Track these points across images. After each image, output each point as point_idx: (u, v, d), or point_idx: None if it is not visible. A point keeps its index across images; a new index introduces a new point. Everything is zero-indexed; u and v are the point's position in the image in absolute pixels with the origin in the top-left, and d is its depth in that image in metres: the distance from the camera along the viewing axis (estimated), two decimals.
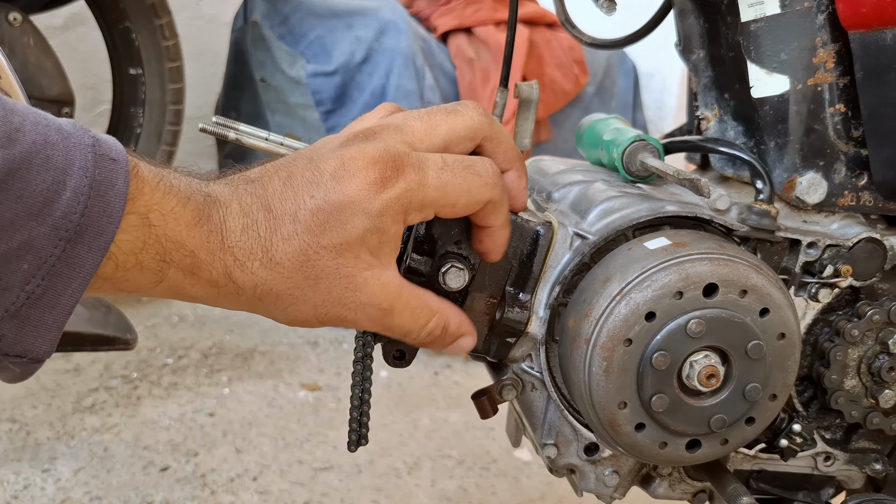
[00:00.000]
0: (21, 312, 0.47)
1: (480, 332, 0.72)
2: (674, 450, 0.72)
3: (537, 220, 0.71)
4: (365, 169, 0.56)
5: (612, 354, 0.69)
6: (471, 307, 0.71)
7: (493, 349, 0.74)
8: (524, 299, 0.72)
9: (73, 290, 0.48)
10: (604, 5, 0.90)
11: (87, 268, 0.48)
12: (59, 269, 0.47)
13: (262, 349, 2.42)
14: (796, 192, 0.79)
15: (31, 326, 0.48)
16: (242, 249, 0.55)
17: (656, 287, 0.68)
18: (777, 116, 0.80)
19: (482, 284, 0.71)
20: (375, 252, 0.58)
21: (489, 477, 1.81)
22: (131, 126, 2.54)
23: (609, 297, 0.69)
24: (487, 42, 2.79)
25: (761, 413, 0.72)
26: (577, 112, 3.04)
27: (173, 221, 0.52)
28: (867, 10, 0.73)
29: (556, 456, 0.78)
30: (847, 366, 0.81)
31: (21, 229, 0.45)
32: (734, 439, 0.73)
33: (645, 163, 0.79)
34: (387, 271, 0.59)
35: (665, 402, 0.69)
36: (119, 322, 1.32)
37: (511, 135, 1.03)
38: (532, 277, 0.72)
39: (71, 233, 0.47)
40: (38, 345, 0.48)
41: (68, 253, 0.47)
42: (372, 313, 0.60)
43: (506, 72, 0.96)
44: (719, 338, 0.69)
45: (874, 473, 0.86)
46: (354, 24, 2.65)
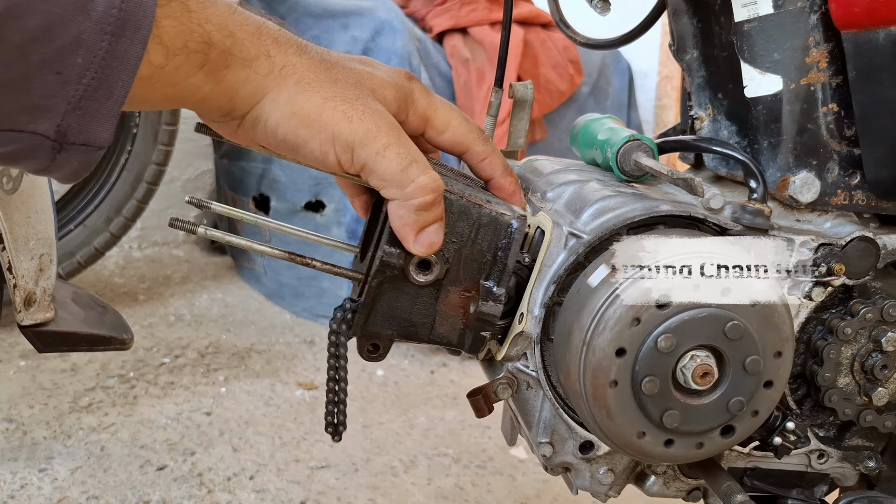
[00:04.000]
0: (81, 104, 0.52)
1: (455, 325, 0.72)
2: (710, 444, 0.74)
3: (511, 214, 0.71)
4: None
5: (605, 401, 0.70)
6: (445, 301, 0.71)
7: (467, 342, 0.74)
8: (498, 293, 0.72)
9: (124, 81, 0.53)
10: (598, 5, 0.91)
11: (132, 59, 0.53)
12: (108, 62, 0.52)
13: (259, 348, 2.42)
14: (790, 191, 0.80)
15: (91, 116, 0.53)
16: (279, 39, 0.63)
17: (612, 325, 0.69)
18: (770, 116, 0.80)
19: (457, 278, 0.71)
20: (385, 102, 0.67)
21: (485, 475, 1.81)
22: (128, 126, 2.53)
23: (577, 350, 0.70)
24: (483, 42, 2.79)
25: (773, 371, 0.73)
26: (572, 112, 3.04)
27: (212, 7, 0.59)
28: (860, 10, 0.74)
29: (551, 454, 0.79)
30: (840, 364, 0.81)
31: (71, 24, 0.50)
32: (763, 405, 0.73)
33: (639, 162, 0.80)
34: (383, 112, 0.66)
35: (677, 416, 0.70)
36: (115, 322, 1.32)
37: (506, 135, 1.03)
38: (507, 271, 0.72)
39: (113, 27, 0.51)
40: (99, 132, 0.54)
41: (114, 46, 0.52)
42: (370, 124, 0.64)
43: (500, 72, 0.96)
44: (695, 337, 0.69)
45: (867, 471, 0.86)
46: (350, 24, 2.65)
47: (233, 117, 0.64)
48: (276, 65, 0.62)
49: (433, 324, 0.72)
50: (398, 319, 0.72)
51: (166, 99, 0.59)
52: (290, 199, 2.73)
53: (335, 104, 0.63)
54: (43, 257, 1.14)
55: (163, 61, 0.56)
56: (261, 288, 2.90)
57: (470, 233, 0.70)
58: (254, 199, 2.90)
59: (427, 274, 0.69)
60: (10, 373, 2.13)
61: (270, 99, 0.62)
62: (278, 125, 0.63)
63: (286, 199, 2.74)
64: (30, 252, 1.12)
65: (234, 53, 0.60)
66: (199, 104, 0.61)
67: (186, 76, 0.58)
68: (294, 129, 0.63)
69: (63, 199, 2.57)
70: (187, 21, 0.56)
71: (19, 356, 2.22)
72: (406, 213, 0.66)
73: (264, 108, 0.62)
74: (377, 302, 0.71)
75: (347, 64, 0.67)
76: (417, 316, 0.72)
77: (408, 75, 0.72)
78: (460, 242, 0.70)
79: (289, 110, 0.62)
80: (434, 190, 0.66)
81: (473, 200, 0.70)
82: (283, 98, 0.62)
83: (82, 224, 2.54)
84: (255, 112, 0.63)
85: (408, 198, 0.65)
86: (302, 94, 0.62)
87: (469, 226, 0.70)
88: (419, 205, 0.65)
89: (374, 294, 0.70)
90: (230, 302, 2.81)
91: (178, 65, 0.57)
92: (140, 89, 0.56)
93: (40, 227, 1.14)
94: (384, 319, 0.71)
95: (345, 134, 0.63)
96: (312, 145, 0.63)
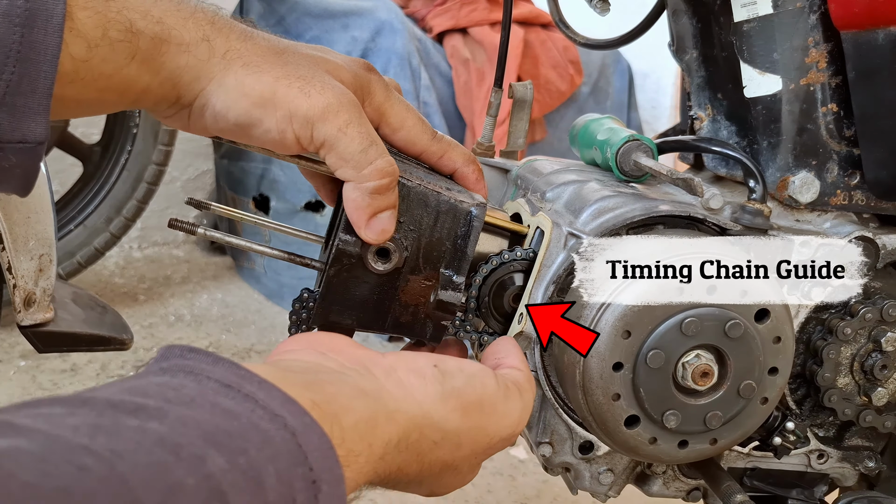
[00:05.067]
0: (7, 101, 0.52)
1: (416, 315, 0.71)
2: (726, 440, 0.74)
3: (471, 201, 0.70)
4: None
5: (612, 416, 0.71)
6: (405, 290, 0.70)
7: (429, 332, 0.72)
8: (458, 281, 0.70)
9: (46, 73, 0.53)
10: (597, 6, 0.91)
11: (50, 50, 0.52)
12: (25, 55, 0.52)
13: (259, 348, 2.42)
14: (789, 191, 0.80)
15: (21, 112, 0.53)
16: (217, 23, 0.61)
17: (606, 337, 0.69)
18: (770, 116, 0.80)
19: (416, 266, 0.70)
20: (343, 84, 0.65)
21: (485, 475, 1.81)
22: (127, 126, 2.53)
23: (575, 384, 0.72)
24: (483, 42, 2.79)
25: (779, 358, 0.73)
26: (572, 112, 3.04)
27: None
28: (859, 10, 0.74)
29: (551, 454, 0.79)
30: (840, 364, 0.81)
31: None
32: (772, 393, 0.74)
33: (639, 162, 0.80)
34: (343, 89, 0.64)
35: (678, 416, 0.71)
36: (115, 322, 1.32)
37: (506, 135, 1.04)
38: (466, 259, 0.70)
39: (23, 18, 0.51)
40: (32, 128, 0.53)
41: (27, 38, 0.51)
42: (330, 98, 0.62)
43: (500, 72, 0.96)
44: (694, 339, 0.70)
45: (867, 471, 0.86)
46: (350, 24, 2.65)
47: (181, 106, 0.62)
48: (216, 49, 0.60)
49: (394, 313, 0.71)
50: (358, 309, 0.70)
51: (104, 95, 0.58)
52: (290, 199, 2.72)
53: (289, 81, 0.61)
54: (43, 257, 1.14)
55: (85, 54, 0.54)
56: (261, 288, 2.90)
57: (429, 220, 0.69)
58: (254, 199, 2.90)
59: (386, 262, 0.68)
60: (10, 373, 2.13)
61: (217, 83, 0.60)
62: (229, 109, 0.61)
63: (286, 199, 2.74)
64: (30, 252, 1.12)
65: (167, 40, 0.58)
66: (141, 97, 0.59)
67: (118, 68, 0.56)
68: (246, 110, 0.61)
69: (63, 199, 2.57)
70: (104, 10, 0.55)
71: (19, 356, 2.22)
72: (360, 195, 0.64)
73: (212, 93, 0.61)
74: (336, 291, 0.69)
75: (299, 49, 0.66)
76: (377, 305, 0.70)
77: (367, 65, 0.70)
78: (419, 230, 0.69)
79: (238, 93, 0.60)
80: (390, 174, 0.64)
81: (432, 188, 0.69)
82: (230, 82, 0.60)
83: (82, 224, 2.54)
84: (202, 98, 0.61)
85: (363, 180, 0.63)
86: (251, 75, 0.61)
87: (428, 213, 0.69)
88: (374, 188, 0.63)
89: (331, 283, 0.69)
90: (230, 302, 2.81)
91: (105, 56, 0.55)
92: (71, 86, 0.55)
93: (40, 227, 1.14)
94: (343, 309, 0.70)
95: (303, 109, 0.61)
96: (268, 124, 0.61)
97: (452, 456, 0.58)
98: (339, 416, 0.48)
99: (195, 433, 0.39)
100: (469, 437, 0.58)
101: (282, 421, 0.43)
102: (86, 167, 2.59)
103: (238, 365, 0.45)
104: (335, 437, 0.46)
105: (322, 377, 0.52)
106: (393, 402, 0.54)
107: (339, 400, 0.49)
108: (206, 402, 0.42)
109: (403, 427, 0.53)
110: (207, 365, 0.45)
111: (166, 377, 0.44)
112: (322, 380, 0.51)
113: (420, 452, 0.55)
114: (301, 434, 0.43)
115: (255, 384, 0.44)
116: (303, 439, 0.43)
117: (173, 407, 0.40)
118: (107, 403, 0.38)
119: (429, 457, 0.56)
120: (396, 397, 0.54)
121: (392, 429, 0.52)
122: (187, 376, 0.44)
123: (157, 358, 0.46)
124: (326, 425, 0.45)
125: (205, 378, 0.44)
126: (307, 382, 0.49)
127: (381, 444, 0.51)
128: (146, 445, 0.36)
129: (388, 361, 0.57)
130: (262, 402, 0.43)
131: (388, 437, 0.52)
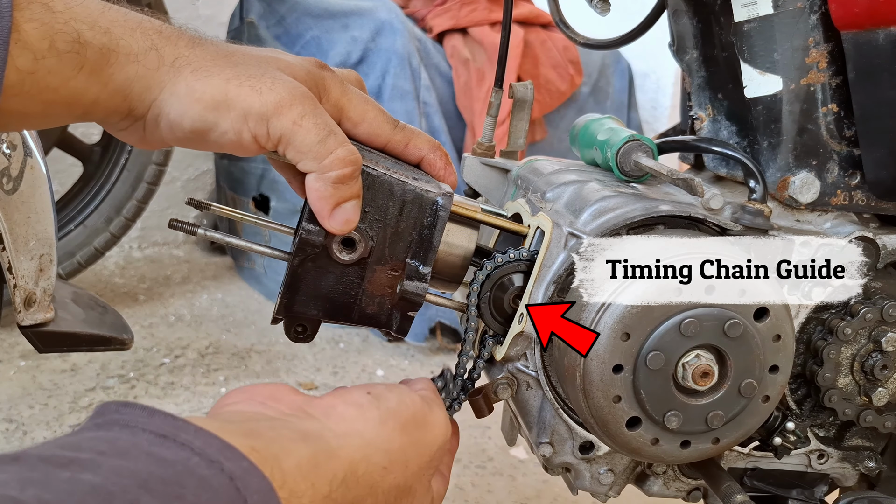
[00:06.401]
0: None
1: (383, 305, 0.71)
2: (729, 439, 0.74)
3: (437, 191, 0.69)
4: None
5: (614, 418, 0.71)
6: (371, 280, 0.70)
7: (395, 323, 0.72)
8: (424, 272, 0.70)
9: None
10: (598, 6, 0.91)
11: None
12: None
13: (259, 348, 2.42)
14: (789, 191, 0.80)
15: None
16: (164, 32, 0.60)
17: (605, 340, 0.69)
18: (770, 116, 0.80)
19: (382, 257, 0.69)
20: (294, 78, 0.64)
21: (485, 475, 1.81)
22: None
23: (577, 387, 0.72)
24: (483, 42, 2.79)
25: (779, 356, 0.73)
26: (572, 112, 3.04)
27: (79, 6, 0.56)
28: (860, 11, 0.74)
29: (551, 454, 0.79)
30: (840, 364, 0.81)
31: None
32: (773, 391, 0.74)
33: (639, 162, 0.80)
34: (295, 83, 0.63)
35: (680, 417, 0.71)
36: (115, 322, 1.32)
37: (506, 135, 1.04)
38: (433, 249, 0.70)
39: None
40: None
41: None
42: (282, 93, 0.61)
43: (500, 72, 0.96)
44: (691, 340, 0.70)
45: (867, 471, 0.86)
46: (350, 24, 2.65)
47: (134, 119, 0.62)
48: (165, 58, 0.60)
49: (360, 304, 0.70)
50: (324, 299, 0.70)
51: (51, 108, 0.57)
52: (290, 199, 2.72)
53: (240, 81, 0.60)
54: (43, 257, 1.14)
55: (31, 66, 0.54)
56: (261, 288, 2.90)
57: (395, 210, 0.68)
58: (254, 199, 2.90)
59: (351, 252, 0.68)
60: (10, 373, 2.13)
61: (168, 92, 0.60)
62: (182, 116, 0.60)
63: (286, 199, 2.74)
64: (30, 252, 1.12)
65: (115, 50, 0.57)
66: (91, 108, 0.59)
67: (66, 80, 0.56)
68: (200, 114, 0.60)
69: (63, 199, 2.57)
70: (51, 21, 0.54)
71: (19, 356, 2.22)
72: (322, 186, 0.63)
73: (164, 102, 0.60)
74: (301, 282, 0.69)
75: (249, 51, 0.65)
76: (343, 296, 0.70)
77: (319, 63, 0.69)
78: (385, 220, 0.68)
79: (190, 98, 0.60)
80: (352, 163, 0.63)
81: (398, 177, 0.68)
82: (181, 89, 0.60)
83: (82, 224, 2.54)
84: (155, 109, 0.60)
85: (325, 170, 0.62)
86: (201, 80, 0.60)
87: (394, 203, 0.68)
88: (336, 177, 0.63)
89: (296, 273, 0.68)
90: (230, 302, 2.81)
91: (51, 68, 0.55)
92: (16, 98, 0.54)
93: (40, 227, 1.14)
94: (309, 300, 0.69)
95: (256, 107, 0.60)
96: (224, 126, 0.61)
97: (404, 476, 0.59)
98: (279, 459, 0.48)
99: (129, 482, 0.38)
100: (414, 451, 0.60)
101: (219, 466, 0.43)
102: (86, 167, 2.59)
103: (174, 416, 0.45)
104: (276, 479, 0.46)
105: (262, 424, 0.53)
106: (335, 439, 0.55)
107: (279, 443, 0.50)
108: (140, 452, 0.42)
109: (348, 461, 0.54)
110: (143, 417, 0.44)
111: (101, 432, 0.44)
112: (261, 427, 0.52)
113: (372, 484, 0.56)
114: (240, 478, 0.43)
115: (191, 433, 0.44)
116: (241, 483, 0.43)
117: (107, 458, 0.40)
118: (38, 458, 0.38)
119: (381, 486, 0.57)
120: (338, 433, 0.56)
121: (336, 465, 0.53)
122: (122, 430, 0.44)
123: (93, 415, 0.46)
124: (267, 469, 0.46)
125: (140, 430, 0.43)
126: (246, 430, 0.49)
127: (325, 482, 0.51)
128: (78, 495, 0.36)
129: (326, 401, 0.59)
130: (198, 450, 0.43)
131: (332, 475, 0.52)
